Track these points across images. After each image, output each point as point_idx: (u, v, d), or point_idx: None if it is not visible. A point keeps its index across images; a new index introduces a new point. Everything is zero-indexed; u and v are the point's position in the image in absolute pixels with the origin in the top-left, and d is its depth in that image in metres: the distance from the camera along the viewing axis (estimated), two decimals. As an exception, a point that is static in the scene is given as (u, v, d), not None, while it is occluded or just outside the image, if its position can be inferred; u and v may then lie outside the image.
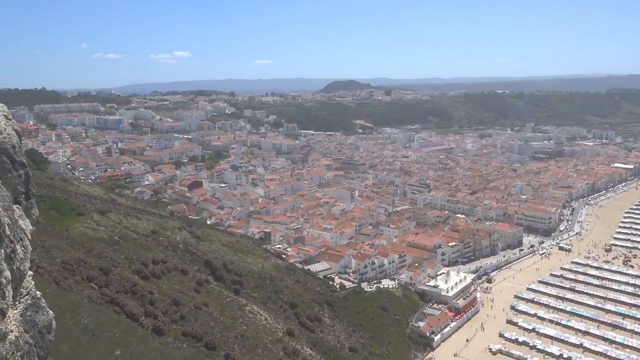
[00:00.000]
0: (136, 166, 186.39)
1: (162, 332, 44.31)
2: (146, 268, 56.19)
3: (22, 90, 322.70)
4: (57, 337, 7.05)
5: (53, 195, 67.47)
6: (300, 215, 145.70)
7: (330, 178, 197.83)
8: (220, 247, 78.02)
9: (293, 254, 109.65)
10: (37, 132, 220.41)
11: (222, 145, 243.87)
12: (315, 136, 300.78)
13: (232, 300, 61.04)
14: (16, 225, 5.86)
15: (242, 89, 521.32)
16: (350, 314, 79.05)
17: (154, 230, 70.50)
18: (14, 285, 5.52)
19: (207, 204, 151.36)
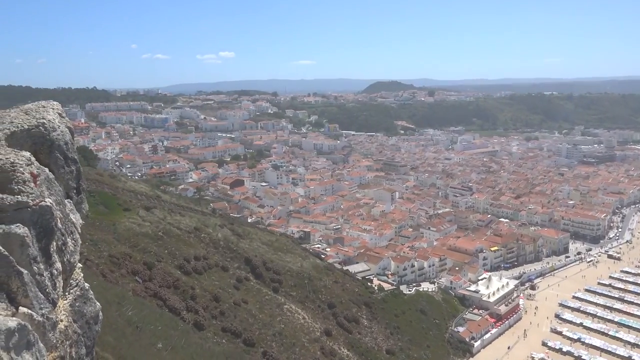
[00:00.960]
0: (180, 164, 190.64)
1: (202, 327, 45.17)
2: (188, 264, 57.43)
3: (75, 89, 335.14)
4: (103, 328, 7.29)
5: (102, 190, 69.84)
6: (339, 215, 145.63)
7: (371, 179, 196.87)
8: (260, 245, 78.88)
9: (332, 254, 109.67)
10: (88, 130, 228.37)
11: (264, 145, 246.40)
12: (357, 137, 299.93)
13: (271, 298, 61.62)
14: (67, 219, 6.10)
15: (285, 89, 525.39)
16: (389, 316, 78.45)
17: (196, 227, 71.96)
18: (64, 276, 5.75)
19: (248, 203, 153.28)
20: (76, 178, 7.15)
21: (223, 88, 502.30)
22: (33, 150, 6.39)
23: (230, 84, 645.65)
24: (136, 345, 28.78)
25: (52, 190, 5.93)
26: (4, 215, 5.02)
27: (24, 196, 5.26)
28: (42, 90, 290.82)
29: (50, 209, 5.35)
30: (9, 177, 5.34)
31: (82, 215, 7.35)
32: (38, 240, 5.26)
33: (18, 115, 7.01)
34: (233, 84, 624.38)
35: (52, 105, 7.52)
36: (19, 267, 4.69)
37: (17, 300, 4.69)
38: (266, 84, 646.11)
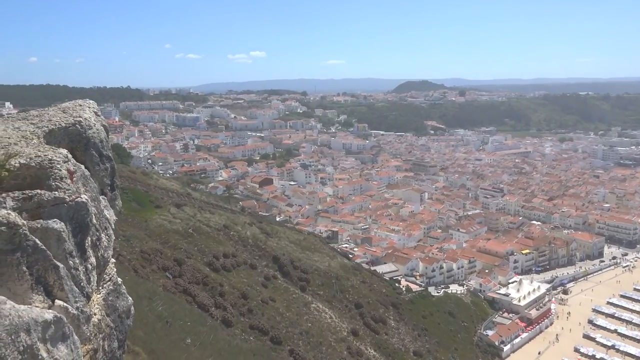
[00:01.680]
0: (211, 162, 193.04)
1: (230, 323, 45.64)
2: (217, 261, 58.13)
3: (110, 88, 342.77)
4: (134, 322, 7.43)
5: (134, 188, 71.29)
6: (368, 215, 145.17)
7: (400, 179, 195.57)
8: (288, 244, 79.23)
9: (360, 254, 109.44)
10: (121, 128, 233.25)
11: (293, 144, 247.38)
12: (386, 136, 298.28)
13: (298, 297, 61.84)
14: (102, 215, 6.25)
15: (314, 89, 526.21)
16: (416, 317, 77.81)
17: (225, 224, 72.76)
18: (98, 271, 5.89)
19: (277, 201, 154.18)
20: (110, 175, 7.32)
21: (253, 87, 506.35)
22: (70, 147, 6.57)
23: (260, 83, 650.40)
24: (166, 340, 29.29)
25: (88, 186, 6.08)
26: (42, 210, 5.18)
27: (61, 192, 5.41)
28: (79, 89, 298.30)
29: (86, 205, 5.49)
30: (47, 174, 5.50)
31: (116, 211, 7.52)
32: (74, 235, 5.41)
33: (56, 113, 7.21)
34: (263, 83, 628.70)
35: (88, 104, 7.71)
36: (56, 261, 4.83)
37: (54, 294, 4.83)
38: (296, 84, 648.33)
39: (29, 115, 7.40)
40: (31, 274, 4.70)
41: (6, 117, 8.23)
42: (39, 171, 5.57)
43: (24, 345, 4.09)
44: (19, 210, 5.10)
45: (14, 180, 5.52)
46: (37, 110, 7.75)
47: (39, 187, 5.46)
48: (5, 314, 3.92)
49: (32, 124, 7.01)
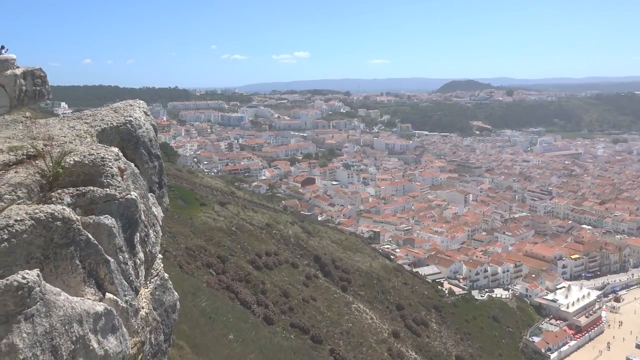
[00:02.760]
0: (254, 161, 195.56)
1: (271, 321, 46.15)
2: (259, 259, 58.88)
3: (159, 88, 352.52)
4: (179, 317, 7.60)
5: (180, 185, 73.08)
6: (410, 216, 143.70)
7: (444, 180, 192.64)
8: (330, 244, 79.37)
9: (402, 255, 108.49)
10: (169, 127, 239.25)
11: (336, 144, 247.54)
12: (430, 137, 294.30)
13: (339, 297, 61.87)
14: (150, 212, 6.44)
15: (358, 89, 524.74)
16: (459, 321, 76.45)
17: (268, 223, 73.60)
18: (146, 266, 6.07)
19: (319, 201, 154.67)
20: (159, 173, 7.54)
21: (297, 87, 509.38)
22: (121, 146, 6.80)
23: (303, 83, 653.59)
24: (209, 336, 29.88)
25: (137, 184, 6.28)
26: (95, 206, 5.39)
27: (112, 189, 5.61)
28: (129, 89, 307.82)
29: (135, 202, 5.68)
30: (99, 171, 5.72)
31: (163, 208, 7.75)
32: (123, 231, 5.60)
33: (108, 113, 7.49)
34: (307, 83, 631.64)
35: (138, 104, 7.97)
36: (107, 256, 5.01)
37: (104, 287, 5.01)
38: (339, 84, 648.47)
39: (83, 114, 7.70)
40: (84, 268, 4.90)
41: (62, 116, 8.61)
42: (92, 169, 5.80)
43: (76, 336, 4.26)
44: (73, 206, 5.32)
45: (69, 177, 5.76)
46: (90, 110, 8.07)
47: (91, 184, 5.69)
48: (59, 305, 4.10)
49: (85, 123, 7.30)
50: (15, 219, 4.45)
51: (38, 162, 5.58)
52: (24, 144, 6.11)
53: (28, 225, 4.46)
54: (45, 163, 5.46)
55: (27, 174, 5.41)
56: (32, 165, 5.54)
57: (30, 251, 4.49)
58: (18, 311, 3.62)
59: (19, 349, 3.59)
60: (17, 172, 5.48)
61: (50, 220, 4.58)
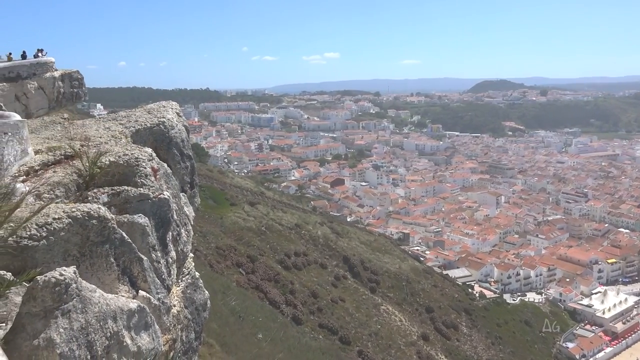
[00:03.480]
0: (284, 162, 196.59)
1: (300, 321, 46.30)
2: (288, 259, 59.16)
3: (190, 90, 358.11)
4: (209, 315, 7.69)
5: (211, 185, 74.03)
6: (440, 218, 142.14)
7: (475, 182, 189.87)
8: (359, 245, 79.16)
9: (431, 257, 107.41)
10: (200, 128, 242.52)
11: (365, 145, 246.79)
12: (461, 137, 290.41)
13: (368, 298, 61.64)
14: (182, 212, 6.55)
15: (387, 89, 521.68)
16: (490, 325, 75.17)
17: (297, 223, 73.88)
18: (177, 264, 6.18)
19: (348, 202, 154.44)
20: (190, 173, 7.67)
21: (326, 88, 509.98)
22: (154, 146, 6.94)
23: (333, 84, 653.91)
24: (238, 334, 30.19)
25: (170, 184, 6.40)
26: (129, 205, 5.52)
27: (146, 189, 5.74)
28: (162, 91, 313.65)
29: (168, 202, 5.79)
30: (134, 171, 5.85)
31: (195, 208, 7.87)
32: (156, 229, 5.71)
33: (142, 114, 7.66)
34: (336, 84, 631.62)
35: (171, 105, 8.13)
36: (140, 254, 5.12)
37: (137, 285, 5.12)
38: (369, 84, 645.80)
39: (118, 116, 7.90)
40: (118, 265, 5.02)
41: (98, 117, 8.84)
42: (126, 168, 5.94)
43: (110, 332, 4.37)
44: (108, 205, 5.46)
45: (104, 177, 5.92)
46: (125, 112, 8.27)
47: (126, 184, 5.82)
48: (95, 302, 4.20)
49: (120, 124, 7.49)
50: (53, 217, 4.59)
51: (75, 162, 5.75)
52: (62, 145, 6.30)
53: (65, 224, 4.59)
54: (82, 163, 5.62)
55: (65, 173, 5.57)
56: (70, 165, 5.71)
57: (67, 249, 4.63)
58: (55, 307, 3.73)
59: (56, 343, 3.70)
60: (55, 172, 5.66)
61: (86, 218, 4.71)
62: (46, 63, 24.12)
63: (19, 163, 5.72)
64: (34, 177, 5.53)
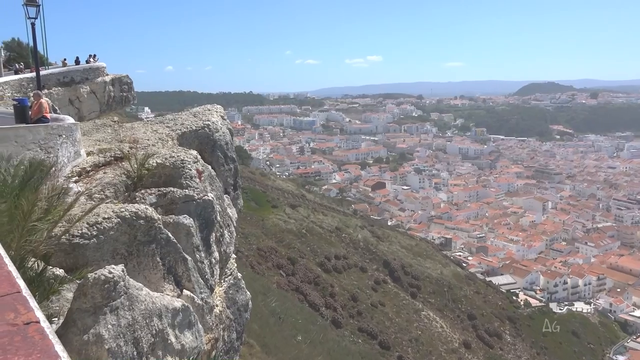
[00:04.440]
0: (325, 165, 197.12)
1: (339, 324, 46.24)
2: (329, 262, 59.23)
3: (234, 93, 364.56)
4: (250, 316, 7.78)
5: (253, 187, 75.00)
6: (484, 223, 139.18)
7: (520, 187, 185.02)
8: (400, 249, 78.46)
9: (474, 263, 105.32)
10: (243, 131, 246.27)
11: (407, 148, 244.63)
12: (506, 141, 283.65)
13: (408, 303, 60.96)
14: (225, 213, 6.66)
15: (431, 92, 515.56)
16: (535, 334, 72.98)
17: (337, 226, 73.90)
18: (220, 265, 6.28)
19: (389, 205, 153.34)
20: (234, 175, 7.80)
21: (369, 91, 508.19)
22: (199, 149, 7.09)
23: (376, 87, 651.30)
24: (278, 336, 30.41)
25: (214, 185, 6.52)
26: (174, 206, 5.65)
27: (191, 190, 5.86)
28: (207, 94, 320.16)
29: (212, 203, 5.90)
30: (179, 173, 5.99)
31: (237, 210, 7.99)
32: (200, 230, 5.83)
33: (188, 117, 7.83)
34: (379, 87, 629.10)
35: (216, 109, 8.28)
36: (185, 254, 5.24)
37: (182, 284, 5.23)
38: (412, 87, 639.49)
39: (165, 119, 8.11)
40: (164, 265, 5.15)
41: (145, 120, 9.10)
42: (172, 170, 6.09)
43: (156, 329, 4.48)
44: (155, 205, 5.61)
45: (151, 178, 6.09)
46: (171, 115, 8.49)
47: (171, 185, 5.97)
48: (141, 299, 4.32)
49: (167, 127, 7.68)
50: (103, 216, 4.75)
51: (124, 163, 5.94)
52: (112, 147, 6.52)
53: (115, 223, 4.75)
54: (131, 165, 5.80)
55: (115, 174, 5.76)
56: (119, 167, 5.90)
57: (116, 247, 4.78)
58: (104, 303, 3.86)
59: (105, 339, 3.83)
60: (105, 173, 5.86)
61: (134, 218, 4.85)
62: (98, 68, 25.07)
63: (72, 164, 5.95)
64: (85, 178, 5.74)
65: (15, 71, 31.82)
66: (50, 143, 6.22)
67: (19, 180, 4.06)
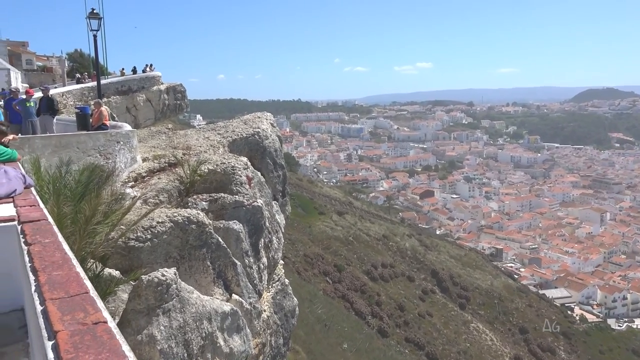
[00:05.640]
0: (372, 172, 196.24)
1: (386, 334, 45.73)
2: (375, 270, 58.78)
3: (283, 101, 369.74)
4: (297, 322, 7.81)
5: (300, 194, 75.52)
6: (537, 234, 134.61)
7: (576, 197, 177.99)
8: (448, 259, 76.98)
9: (527, 275, 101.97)
10: (291, 138, 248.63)
11: (457, 156, 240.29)
12: (561, 149, 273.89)
13: (457, 314, 59.63)
14: (274, 219, 6.74)
15: (481, 99, 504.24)
16: (592, 351, 69.76)
17: (384, 234, 73.30)
18: (268, 271, 6.35)
19: (437, 214, 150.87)
20: (282, 182, 7.89)
21: (418, 98, 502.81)
22: (249, 155, 7.23)
23: (425, 94, 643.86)
24: (324, 343, 30.37)
25: (263, 192, 6.62)
26: (224, 212, 5.77)
27: (241, 196, 5.97)
28: (256, 102, 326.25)
29: (261, 209, 5.99)
30: (230, 179, 6.12)
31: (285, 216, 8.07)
32: (249, 236, 5.92)
33: (238, 125, 8.00)
34: (428, 94, 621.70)
35: (265, 116, 8.42)
36: (234, 259, 5.33)
37: (231, 288, 5.33)
38: (462, 94, 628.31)
39: (217, 126, 8.32)
40: (214, 269, 5.26)
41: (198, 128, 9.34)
42: (223, 176, 6.23)
43: (206, 332, 4.57)
44: (206, 210, 5.74)
45: (203, 184, 6.25)
46: (223, 122, 8.70)
47: (222, 191, 6.10)
48: (192, 302, 4.42)
49: (218, 134, 7.87)
50: (157, 220, 4.90)
51: (177, 169, 6.13)
52: (166, 153, 6.73)
53: (168, 227, 4.89)
54: (184, 171, 5.98)
55: (168, 180, 5.95)
56: (173, 173, 6.09)
57: (168, 251, 4.92)
58: (157, 305, 3.97)
59: (157, 340, 3.94)
60: (159, 179, 6.06)
61: (186, 223, 4.99)
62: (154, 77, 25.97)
63: (129, 169, 6.19)
64: (141, 183, 5.95)
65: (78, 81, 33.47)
66: (109, 149, 6.49)
67: (81, 185, 4.25)
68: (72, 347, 1.41)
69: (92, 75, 32.00)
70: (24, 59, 41.30)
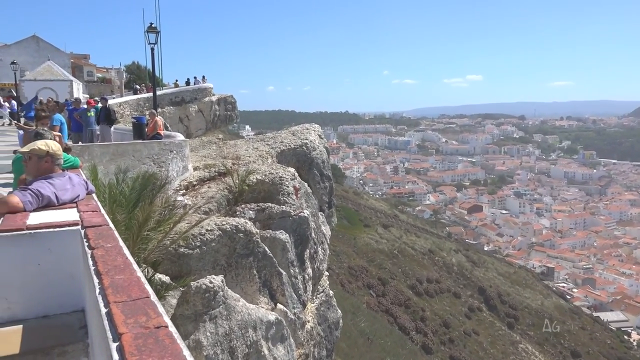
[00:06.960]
0: (419, 185, 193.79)
1: (430, 350, 44.77)
2: (420, 285, 57.78)
3: (330, 112, 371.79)
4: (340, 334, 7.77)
5: (346, 206, 75.42)
6: (592, 253, 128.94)
7: (635, 215, 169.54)
8: (496, 276, 74.81)
9: (580, 296, 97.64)
10: (338, 150, 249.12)
11: (507, 171, 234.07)
12: (618, 166, 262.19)
13: (505, 334, 57.72)
14: (319, 230, 6.77)
15: (534, 113, 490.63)
16: (651, 380, 65.95)
17: (430, 249, 72.08)
18: (313, 282, 6.38)
19: (486, 230, 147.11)
20: (329, 193, 7.92)
21: (467, 111, 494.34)
22: (296, 166, 7.31)
23: (474, 107, 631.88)
24: (366, 357, 30.05)
25: (309, 203, 6.67)
26: (271, 222, 5.85)
27: (287, 207, 6.04)
28: (304, 114, 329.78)
29: (307, 220, 6.03)
30: (277, 189, 6.21)
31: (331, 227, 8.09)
32: (295, 246, 5.97)
33: (287, 136, 8.11)
34: (478, 107, 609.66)
35: (313, 128, 8.50)
36: (280, 269, 5.39)
37: (276, 297, 5.38)
38: (513, 107, 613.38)
39: (266, 137, 8.46)
40: (259, 278, 5.33)
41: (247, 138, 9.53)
42: (270, 186, 6.32)
43: (250, 340, 4.63)
44: (254, 220, 5.84)
45: (251, 194, 6.36)
46: (271, 133, 8.84)
47: (269, 201, 6.19)
48: (238, 310, 4.50)
49: (267, 144, 8.00)
50: (206, 228, 5.03)
51: (227, 179, 6.27)
52: (216, 162, 6.90)
53: (216, 235, 5.00)
54: (233, 180, 6.11)
55: (218, 189, 6.09)
56: (222, 182, 6.23)
57: (216, 258, 5.03)
58: (204, 311, 4.07)
59: (204, 345, 4.02)
60: (209, 187, 6.21)
61: (234, 232, 5.09)
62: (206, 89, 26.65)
63: (181, 178, 6.38)
64: (192, 191, 6.12)
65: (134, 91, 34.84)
66: (162, 158, 6.72)
67: (135, 192, 4.42)
68: (135, 350, 1.46)
69: (148, 86, 33.27)
70: (85, 70, 43.45)
